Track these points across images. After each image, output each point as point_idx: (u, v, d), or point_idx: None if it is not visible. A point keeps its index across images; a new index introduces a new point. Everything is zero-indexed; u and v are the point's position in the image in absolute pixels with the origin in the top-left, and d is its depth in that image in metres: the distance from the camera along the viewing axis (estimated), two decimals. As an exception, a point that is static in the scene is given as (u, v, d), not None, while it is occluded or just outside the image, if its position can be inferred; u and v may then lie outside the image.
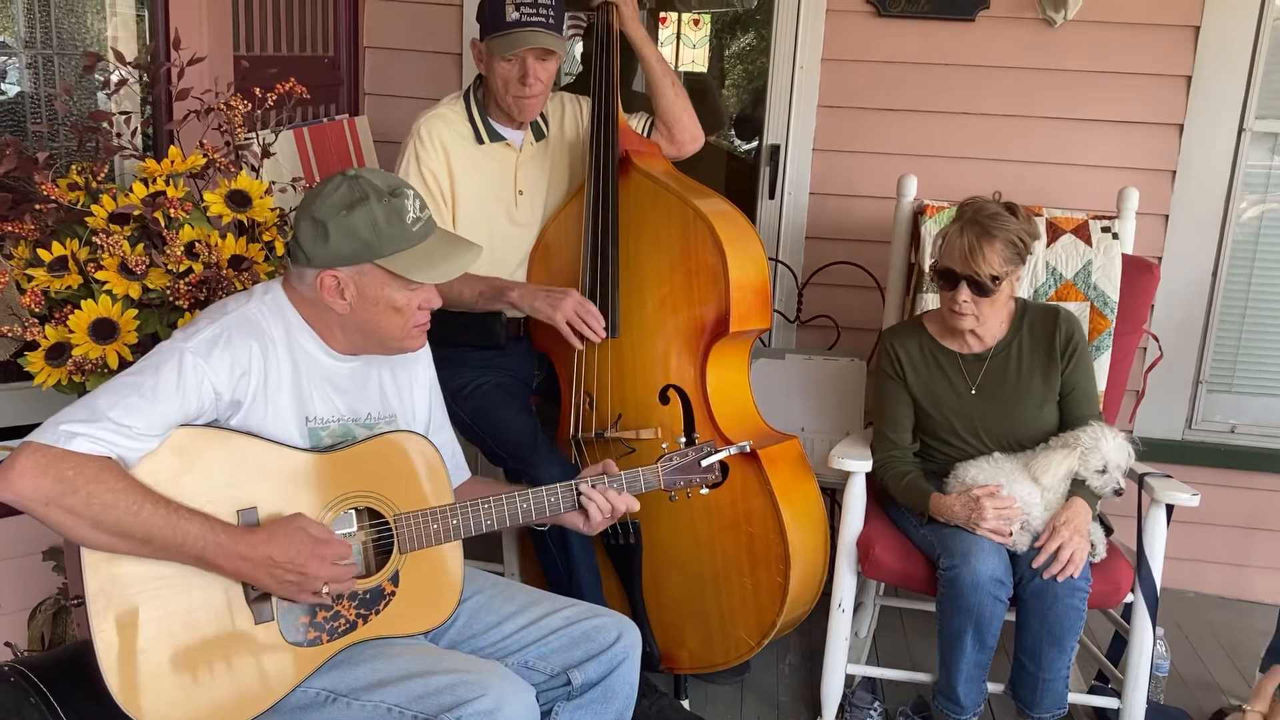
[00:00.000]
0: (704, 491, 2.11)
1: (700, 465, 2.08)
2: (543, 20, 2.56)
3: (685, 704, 2.81)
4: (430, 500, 1.90)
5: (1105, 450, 2.48)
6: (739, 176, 5.17)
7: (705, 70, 6.69)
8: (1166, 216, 3.41)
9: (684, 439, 2.12)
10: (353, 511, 1.85)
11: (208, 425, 1.76)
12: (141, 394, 1.68)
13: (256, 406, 1.78)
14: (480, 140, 2.70)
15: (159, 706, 1.69)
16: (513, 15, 2.54)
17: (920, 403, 2.64)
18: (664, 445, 2.11)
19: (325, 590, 1.77)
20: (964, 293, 2.50)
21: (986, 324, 2.57)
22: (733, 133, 6.33)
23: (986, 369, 2.61)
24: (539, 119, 2.76)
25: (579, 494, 1.99)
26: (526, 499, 1.96)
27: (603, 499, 1.99)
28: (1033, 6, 3.34)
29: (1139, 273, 2.94)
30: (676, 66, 6.51)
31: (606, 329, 2.60)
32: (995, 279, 2.47)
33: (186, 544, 1.67)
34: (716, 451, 2.09)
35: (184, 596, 1.71)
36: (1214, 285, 3.47)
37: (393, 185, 1.82)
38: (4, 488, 1.59)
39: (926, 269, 2.96)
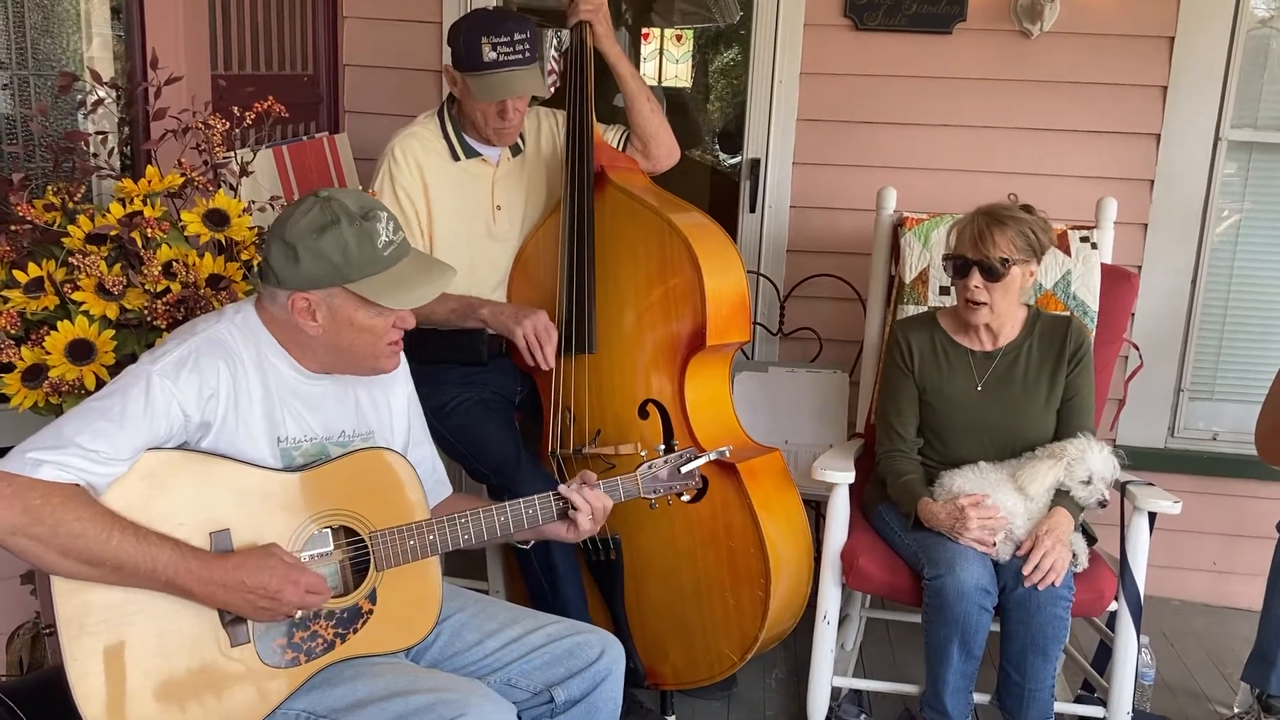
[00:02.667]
0: (685, 499, 2.10)
1: (680, 472, 2.07)
2: (520, 57, 2.54)
3: (672, 720, 2.80)
4: (406, 516, 1.89)
5: (1091, 462, 2.49)
6: (723, 190, 5.19)
7: (689, 85, 6.72)
8: (1145, 226, 3.43)
9: (663, 446, 2.12)
10: (328, 530, 1.84)
11: (178, 448, 1.75)
12: (109, 418, 1.66)
13: (227, 428, 1.77)
14: (456, 157, 2.70)
15: None
16: (490, 55, 2.52)
17: (926, 395, 2.65)
18: (643, 454, 2.10)
19: (298, 616, 1.76)
20: (975, 278, 2.51)
21: (1001, 317, 2.58)
22: (717, 147, 6.36)
23: (995, 367, 2.62)
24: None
25: (560, 497, 1.97)
26: (504, 512, 1.95)
27: (581, 500, 1.97)
28: (1009, 19, 3.36)
29: (1118, 282, 2.96)
30: (660, 82, 6.54)
31: (580, 346, 2.61)
32: (1005, 261, 2.49)
33: (158, 570, 1.66)
34: (697, 458, 2.08)
35: (157, 622, 1.70)
36: (1193, 293, 3.49)
37: (365, 208, 1.80)
38: None
39: (908, 280, 2.97)
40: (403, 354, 1.98)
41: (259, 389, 1.82)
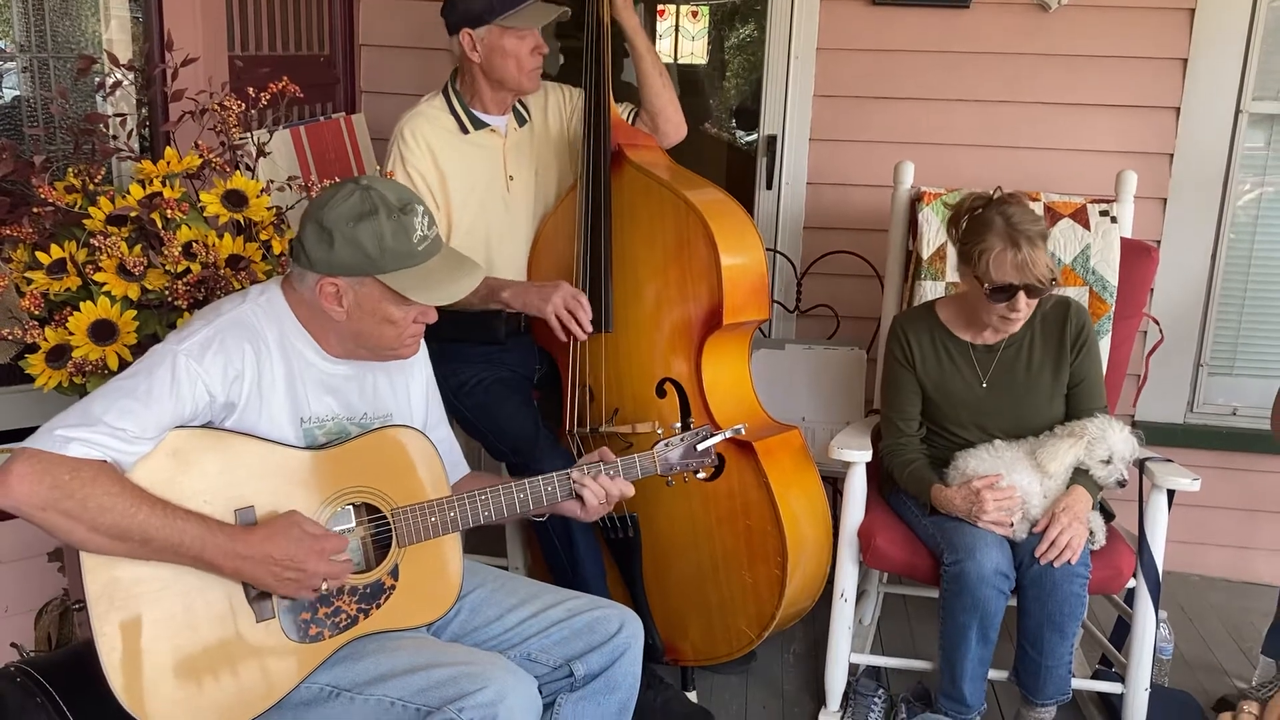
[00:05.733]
0: (700, 476, 2.11)
1: (696, 450, 2.07)
2: None
3: (692, 696, 2.81)
4: (427, 493, 1.91)
5: (1111, 441, 2.48)
6: (740, 168, 5.18)
7: (705, 62, 6.69)
8: (1164, 200, 3.40)
9: (679, 424, 2.12)
10: (350, 507, 1.86)
11: (202, 426, 1.76)
12: (135, 397, 1.68)
13: (251, 408, 1.79)
14: (465, 130, 2.70)
15: (163, 707, 1.70)
16: None
17: (929, 391, 2.64)
18: (659, 431, 2.11)
19: (325, 586, 1.78)
20: (1022, 300, 2.44)
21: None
22: (734, 123, 6.33)
23: (998, 361, 2.59)
24: (519, 104, 2.77)
25: (572, 481, 1.99)
26: (523, 489, 1.97)
27: (596, 485, 1.99)
28: (1027, -9, 3.33)
29: (1138, 256, 2.94)
30: (675, 59, 6.51)
31: (596, 325, 2.61)
32: (1053, 280, 2.44)
33: (185, 544, 1.68)
34: (712, 435, 2.08)
35: (184, 597, 1.72)
36: (1213, 268, 3.46)
37: (404, 200, 1.81)
38: (1, 493, 1.60)
39: (926, 256, 2.96)
40: (421, 337, 2.00)
41: (282, 370, 1.83)
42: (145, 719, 1.68)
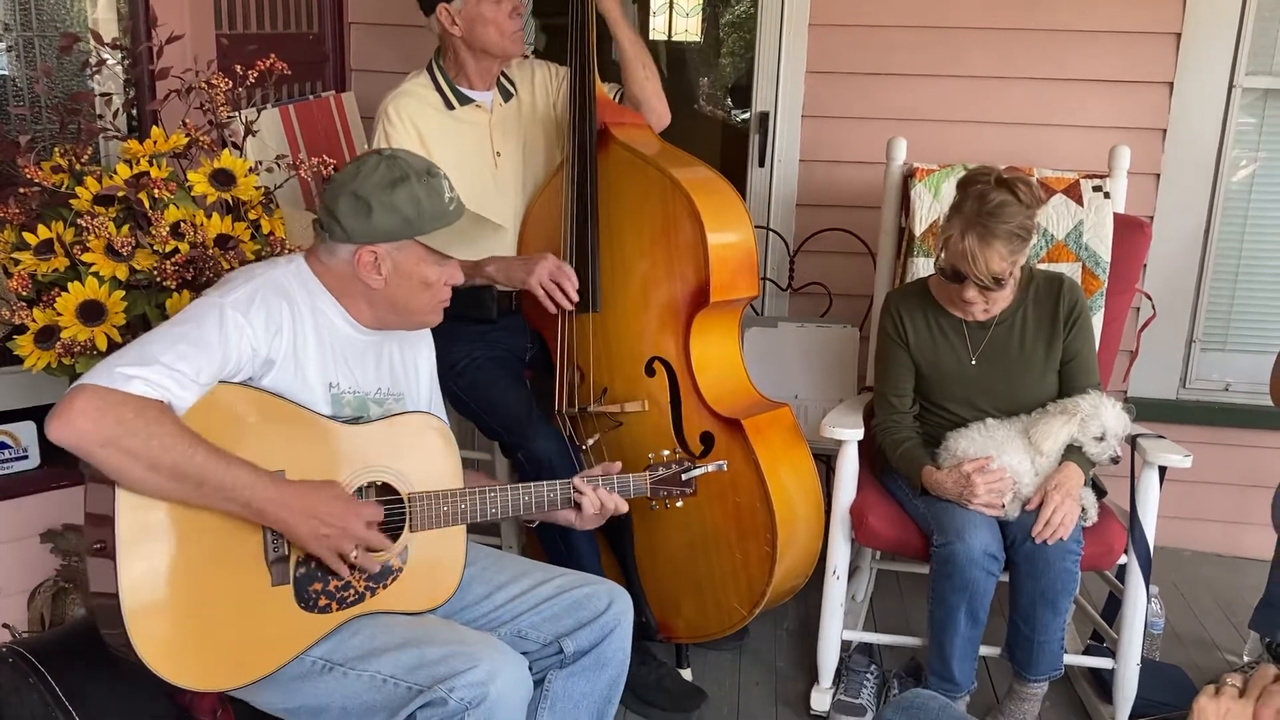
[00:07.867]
0: (679, 505, 2.24)
1: (680, 479, 2.20)
2: None
3: (686, 673, 2.82)
4: (443, 482, 1.94)
5: (1105, 418, 2.48)
6: (734, 145, 5.16)
7: (700, 40, 6.67)
8: (1158, 175, 3.40)
9: (667, 452, 2.23)
10: (370, 485, 1.88)
11: (242, 384, 1.77)
12: (189, 341, 1.69)
13: (287, 366, 1.81)
14: (450, 106, 2.70)
15: (171, 653, 1.69)
16: None
17: (921, 368, 2.63)
18: (646, 409, 2.13)
19: (355, 555, 1.80)
20: (971, 290, 2.44)
21: (998, 306, 2.54)
22: (729, 101, 6.32)
23: (990, 338, 2.58)
24: (504, 79, 2.76)
25: (573, 489, 2.06)
26: (529, 491, 2.02)
27: (594, 496, 2.06)
28: (1020, -33, 3.31)
29: (1131, 232, 2.93)
30: (669, 36, 6.48)
31: (584, 304, 2.61)
32: (999, 280, 2.42)
33: (237, 489, 1.68)
34: (695, 467, 2.22)
35: (207, 550, 1.72)
36: (1206, 243, 3.46)
37: (428, 165, 1.89)
38: (63, 426, 1.58)
39: (918, 232, 2.95)
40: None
41: (313, 334, 1.86)
42: (151, 663, 1.67)
